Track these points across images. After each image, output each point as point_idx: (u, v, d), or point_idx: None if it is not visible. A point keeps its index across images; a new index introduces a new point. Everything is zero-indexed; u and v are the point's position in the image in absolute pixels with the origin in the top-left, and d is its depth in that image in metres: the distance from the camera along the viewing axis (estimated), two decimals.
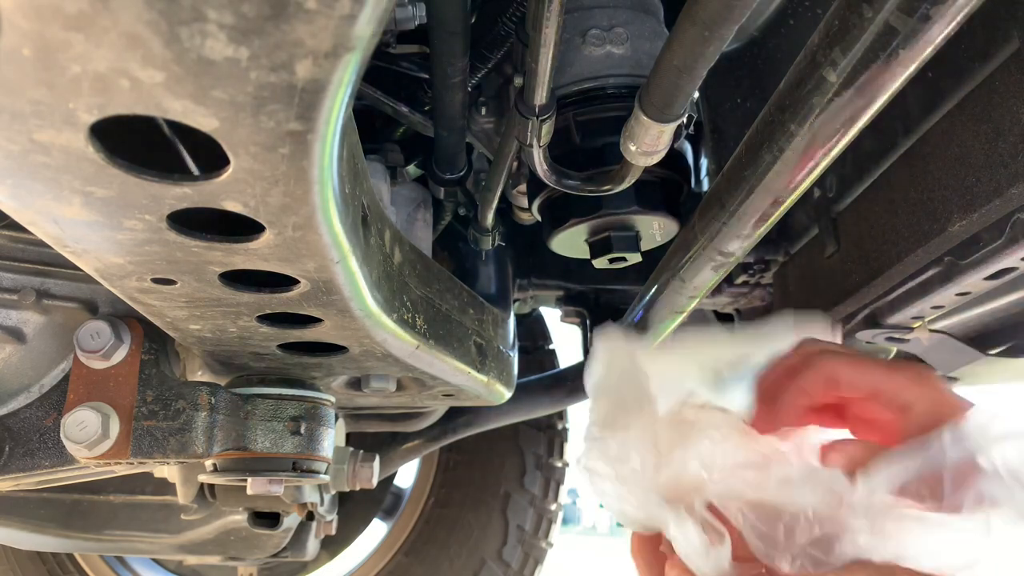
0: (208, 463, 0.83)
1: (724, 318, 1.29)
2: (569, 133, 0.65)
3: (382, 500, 2.06)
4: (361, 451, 1.29)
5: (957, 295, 0.75)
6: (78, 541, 1.33)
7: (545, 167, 0.63)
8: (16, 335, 0.74)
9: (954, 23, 0.39)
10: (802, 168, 0.53)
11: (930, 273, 0.71)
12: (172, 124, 0.36)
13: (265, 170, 0.36)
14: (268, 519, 1.32)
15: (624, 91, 0.62)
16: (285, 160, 0.36)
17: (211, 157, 0.36)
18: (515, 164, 0.75)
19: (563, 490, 2.01)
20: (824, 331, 0.48)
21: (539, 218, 0.81)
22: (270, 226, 0.43)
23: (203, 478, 0.89)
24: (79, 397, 0.69)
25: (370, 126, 0.94)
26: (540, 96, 0.55)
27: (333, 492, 1.37)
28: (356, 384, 0.94)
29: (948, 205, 0.63)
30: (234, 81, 0.30)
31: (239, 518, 1.34)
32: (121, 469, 0.78)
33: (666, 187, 0.77)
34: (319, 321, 0.62)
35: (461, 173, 0.84)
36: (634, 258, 0.81)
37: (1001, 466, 0.37)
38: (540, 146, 0.60)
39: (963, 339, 0.88)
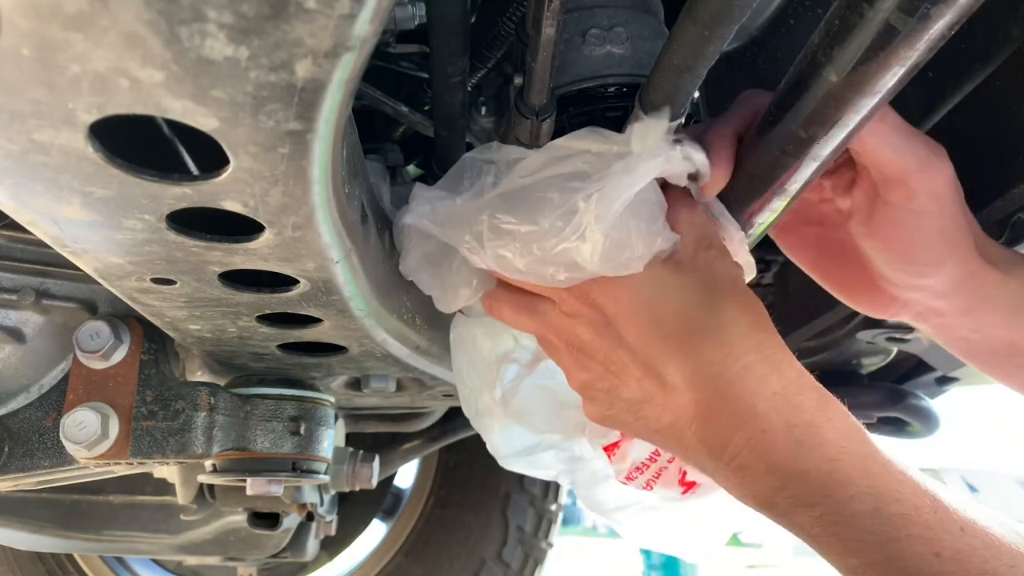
0: (207, 463, 0.83)
1: None
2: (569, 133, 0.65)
3: (382, 500, 2.06)
4: (361, 451, 1.29)
5: None
6: (78, 541, 1.33)
7: None
8: (16, 335, 0.74)
9: (954, 23, 0.39)
10: (803, 168, 0.53)
11: None
12: (172, 124, 0.36)
13: (265, 170, 0.36)
14: (267, 519, 1.32)
15: (624, 90, 0.62)
16: (285, 160, 0.36)
17: (211, 157, 0.36)
18: None
19: (563, 490, 2.01)
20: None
21: None
22: (270, 226, 0.43)
23: (203, 478, 0.89)
24: (78, 397, 0.69)
25: (370, 126, 0.94)
26: (540, 96, 0.55)
27: (333, 492, 1.37)
28: (356, 384, 0.94)
29: None
30: (234, 81, 0.30)
31: (239, 518, 1.34)
32: (120, 469, 0.78)
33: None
34: (319, 321, 0.62)
35: None
36: None
37: None
38: (540, 146, 0.60)
39: None
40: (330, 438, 0.86)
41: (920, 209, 0.54)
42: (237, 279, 0.53)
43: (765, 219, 0.60)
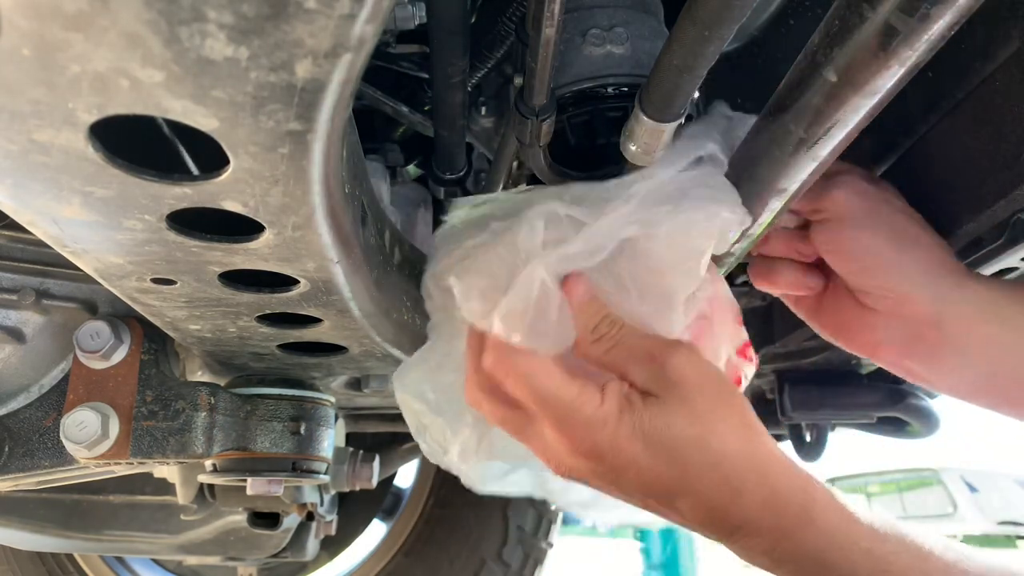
0: (208, 463, 0.83)
1: None
2: (569, 133, 0.65)
3: (382, 500, 2.06)
4: (361, 451, 1.29)
5: None
6: (78, 541, 1.33)
7: (545, 167, 0.63)
8: (16, 335, 0.74)
9: (954, 23, 0.39)
10: (802, 168, 0.53)
11: None
12: (172, 124, 0.36)
13: (265, 170, 0.36)
14: (268, 519, 1.32)
15: (624, 91, 0.62)
16: (285, 160, 0.36)
17: (211, 157, 0.36)
18: (515, 164, 0.75)
19: None
20: None
21: None
22: (270, 226, 0.43)
23: (203, 478, 0.89)
24: (79, 397, 0.69)
25: (370, 126, 0.94)
26: (540, 96, 0.55)
27: (333, 492, 1.37)
28: (356, 384, 0.94)
29: (956, 207, 0.63)
30: (234, 81, 0.30)
31: (239, 518, 1.34)
32: (121, 469, 0.78)
33: None
34: (319, 321, 0.62)
35: (461, 173, 0.84)
36: None
37: None
38: (540, 146, 0.60)
39: None
40: (330, 438, 0.86)
41: (835, 217, 0.63)
42: (237, 279, 0.53)
43: (765, 219, 0.60)
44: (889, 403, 1.26)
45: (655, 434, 0.51)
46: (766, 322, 1.20)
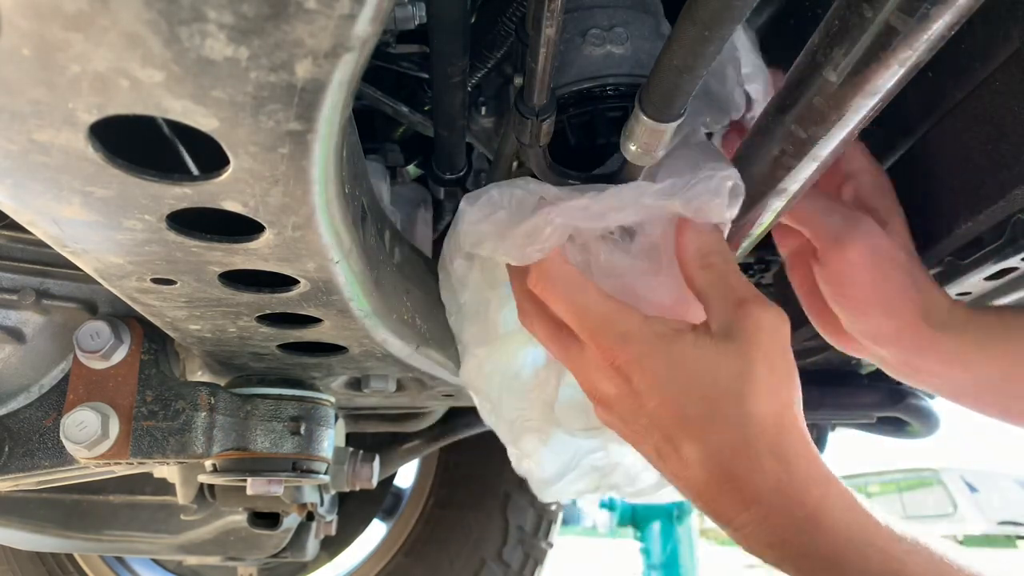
0: (208, 463, 0.83)
1: None
2: (569, 133, 0.65)
3: (382, 500, 2.06)
4: (361, 451, 1.29)
5: (957, 295, 0.75)
6: (78, 541, 1.33)
7: (545, 167, 0.63)
8: (16, 335, 0.74)
9: (954, 23, 0.39)
10: (802, 168, 0.53)
11: (931, 273, 0.71)
12: (172, 124, 0.36)
13: (265, 170, 0.36)
14: (268, 519, 1.32)
15: (624, 91, 0.62)
16: (285, 160, 0.36)
17: (211, 157, 0.36)
18: (515, 164, 0.75)
19: None
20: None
21: None
22: (270, 226, 0.43)
23: (203, 478, 0.89)
24: (79, 397, 0.69)
25: (370, 126, 0.94)
26: (540, 96, 0.55)
27: (333, 492, 1.37)
28: (356, 384, 0.94)
29: (955, 207, 0.64)
30: (234, 81, 0.30)
31: (239, 518, 1.34)
32: (121, 469, 0.78)
33: None
34: (319, 321, 0.62)
35: (461, 173, 0.84)
36: None
37: None
38: (540, 146, 0.60)
39: None
40: (330, 438, 0.86)
41: (842, 271, 0.66)
42: (237, 279, 0.53)
43: (765, 219, 0.60)
44: (889, 403, 1.26)
45: (693, 366, 0.50)
46: None
